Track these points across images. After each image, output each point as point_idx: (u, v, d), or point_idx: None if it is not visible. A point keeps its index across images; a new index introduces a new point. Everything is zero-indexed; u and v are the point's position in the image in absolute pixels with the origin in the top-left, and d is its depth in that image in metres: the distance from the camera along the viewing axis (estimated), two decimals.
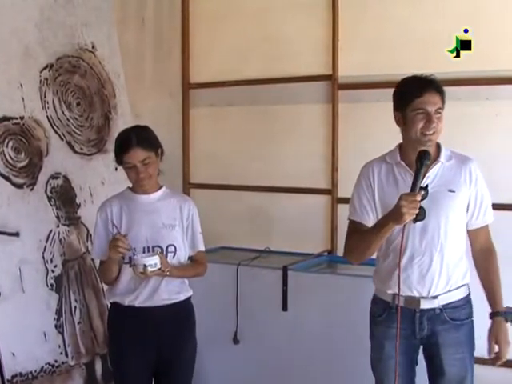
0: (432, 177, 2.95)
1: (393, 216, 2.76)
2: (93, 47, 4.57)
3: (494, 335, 2.97)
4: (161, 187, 3.32)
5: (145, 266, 3.02)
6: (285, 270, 4.30)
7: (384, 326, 3.03)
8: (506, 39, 4.23)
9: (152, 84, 5.22)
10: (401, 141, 3.04)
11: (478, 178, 2.99)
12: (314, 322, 4.20)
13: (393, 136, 3.04)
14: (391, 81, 3.06)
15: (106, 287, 3.53)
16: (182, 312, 3.33)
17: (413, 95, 2.89)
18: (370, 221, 3.00)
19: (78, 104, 4.39)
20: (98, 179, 4.44)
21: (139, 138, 3.17)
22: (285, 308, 4.29)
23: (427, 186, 2.89)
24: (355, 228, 3.05)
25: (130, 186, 3.32)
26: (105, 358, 4.18)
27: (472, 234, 3.06)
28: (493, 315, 3.00)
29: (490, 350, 2.98)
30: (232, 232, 5.15)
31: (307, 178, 4.96)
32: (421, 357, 3.10)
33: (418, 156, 2.81)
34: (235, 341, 4.43)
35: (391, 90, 3.04)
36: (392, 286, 2.98)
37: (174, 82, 5.42)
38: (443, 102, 2.94)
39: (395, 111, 2.98)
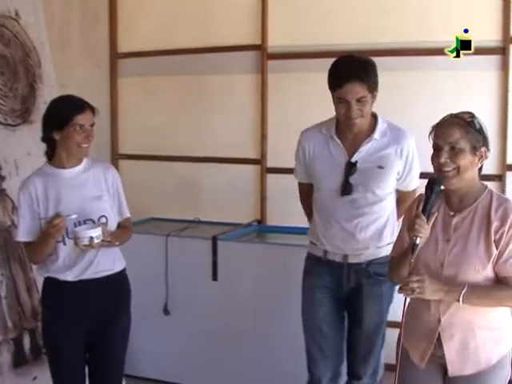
0: (363, 153, 3.07)
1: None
2: (16, 14, 4.42)
3: None
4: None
5: (91, 238, 2.97)
6: (214, 239, 4.31)
7: (315, 277, 3.24)
8: (433, 11, 4.30)
9: (78, 53, 5.09)
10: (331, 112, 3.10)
11: (409, 154, 3.10)
12: (244, 292, 4.24)
13: (322, 107, 3.06)
14: (321, 51, 3.09)
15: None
16: (118, 283, 3.30)
17: (333, 85, 2.98)
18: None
19: (2, 73, 4.26)
20: (24, 150, 4.31)
21: (87, 102, 3.16)
22: (215, 278, 4.31)
23: (356, 162, 3.04)
24: (300, 189, 3.43)
25: (48, 160, 3.22)
26: (33, 332, 4.12)
27: (400, 196, 3.24)
28: None
29: None
30: (161, 203, 5.13)
31: (237, 148, 4.96)
32: None
33: (428, 184, 2.55)
34: (166, 312, 4.43)
35: (321, 60, 3.08)
36: (322, 243, 3.20)
37: (102, 51, 5.33)
38: (371, 89, 2.97)
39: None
